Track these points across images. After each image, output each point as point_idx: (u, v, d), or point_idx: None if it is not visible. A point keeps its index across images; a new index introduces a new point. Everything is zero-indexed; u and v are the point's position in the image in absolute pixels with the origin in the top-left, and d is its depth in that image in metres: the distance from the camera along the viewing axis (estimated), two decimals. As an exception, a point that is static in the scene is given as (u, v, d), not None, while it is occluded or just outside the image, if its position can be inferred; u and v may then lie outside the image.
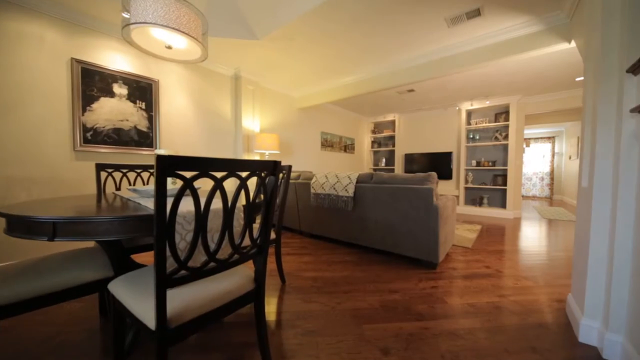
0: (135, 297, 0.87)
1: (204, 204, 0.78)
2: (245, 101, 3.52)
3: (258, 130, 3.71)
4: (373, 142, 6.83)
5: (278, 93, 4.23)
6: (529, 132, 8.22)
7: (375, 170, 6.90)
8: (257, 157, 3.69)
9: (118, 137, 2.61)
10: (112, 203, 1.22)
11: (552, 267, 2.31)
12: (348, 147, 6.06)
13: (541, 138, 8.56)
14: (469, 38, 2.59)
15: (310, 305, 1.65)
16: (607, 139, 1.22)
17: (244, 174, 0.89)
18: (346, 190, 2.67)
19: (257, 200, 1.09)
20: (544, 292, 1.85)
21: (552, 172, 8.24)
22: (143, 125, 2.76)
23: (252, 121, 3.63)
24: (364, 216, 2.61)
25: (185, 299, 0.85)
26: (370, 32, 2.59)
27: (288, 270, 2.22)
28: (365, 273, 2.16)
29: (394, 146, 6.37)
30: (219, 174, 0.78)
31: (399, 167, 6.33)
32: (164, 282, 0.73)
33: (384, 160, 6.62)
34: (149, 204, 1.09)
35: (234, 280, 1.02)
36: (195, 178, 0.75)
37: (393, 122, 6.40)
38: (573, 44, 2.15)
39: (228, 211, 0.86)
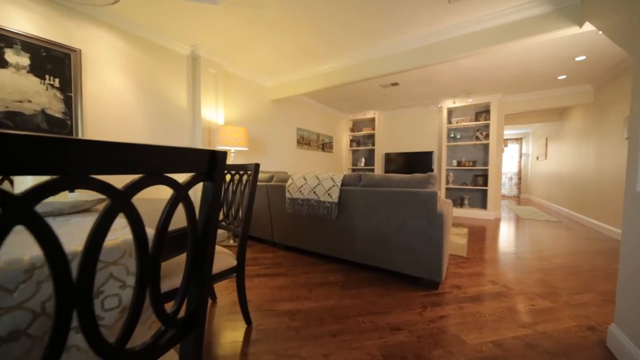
0: None
1: None
2: (205, 87, 2.90)
3: (222, 122, 3.10)
4: (352, 141, 6.48)
5: (247, 81, 3.64)
6: (499, 133, 8.48)
7: (354, 170, 6.55)
8: (221, 155, 3.08)
9: (14, 124, 1.87)
10: None
11: (559, 279, 2.07)
12: (326, 145, 5.62)
13: (509, 139, 8.90)
14: (470, 19, 2.27)
15: (286, 364, 1.15)
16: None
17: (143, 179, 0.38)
18: (329, 194, 2.21)
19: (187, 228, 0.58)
20: (569, 316, 1.54)
21: (519, 172, 8.59)
22: (56, 109, 2.04)
23: (215, 112, 3.02)
24: (350, 226, 2.17)
25: None
26: (357, 7, 2.16)
27: (256, 300, 1.69)
28: (356, 300, 1.72)
29: (373, 145, 6.07)
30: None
31: (378, 167, 6.04)
32: None
33: (363, 160, 6.29)
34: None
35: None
36: None
37: (373, 119, 6.09)
38: (586, 27, 1.91)
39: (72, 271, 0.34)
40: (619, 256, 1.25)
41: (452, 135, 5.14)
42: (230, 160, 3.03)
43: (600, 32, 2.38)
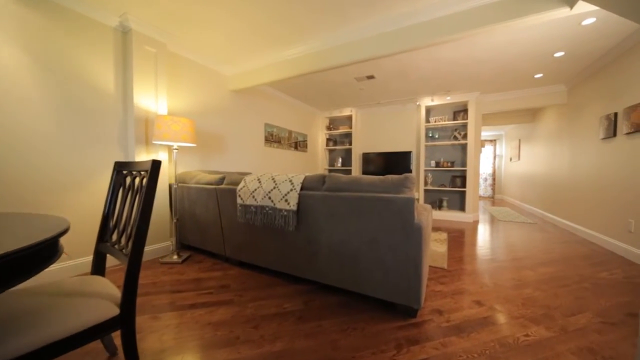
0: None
1: None
2: (141, 69, 2.37)
3: (166, 113, 2.58)
4: (328, 140, 6.11)
5: (200, 66, 3.13)
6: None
7: (331, 171, 6.19)
8: (160, 153, 2.55)
9: None
10: None
11: (548, 294, 1.81)
12: (299, 144, 5.20)
13: (484, 140, 9.03)
14: (449, -4, 1.98)
15: None
16: None
17: None
18: (286, 200, 1.79)
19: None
20: (571, 350, 1.25)
21: (494, 173, 8.73)
22: None
23: (155, 100, 2.49)
24: (312, 239, 1.77)
25: None
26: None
27: (177, 348, 1.23)
28: (312, 340, 1.31)
29: (350, 144, 5.75)
30: None
31: (356, 168, 5.73)
32: None
33: (340, 160, 5.95)
34: None
35: None
36: None
37: (350, 117, 5.78)
38: (578, 9, 1.67)
39: None
40: (644, 284, 0.95)
41: (430, 135, 4.94)
42: (173, 159, 2.51)
43: (587, 22, 2.17)
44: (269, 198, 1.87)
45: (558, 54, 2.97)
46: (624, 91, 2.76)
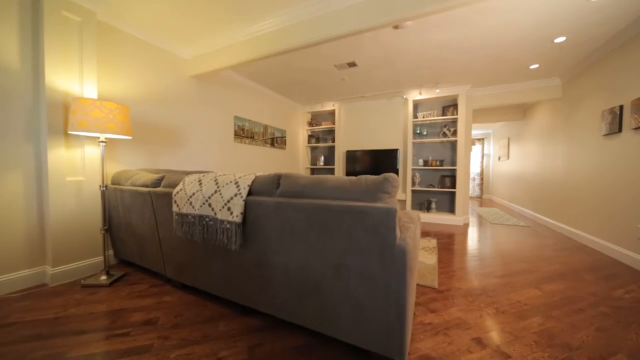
0: None
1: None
2: (56, 40, 1.85)
3: (95, 97, 2.07)
4: (310, 137, 5.68)
5: (149, 45, 2.63)
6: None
7: (313, 170, 5.76)
8: (87, 147, 2.03)
9: None
10: None
11: (564, 325, 1.45)
12: (277, 140, 4.74)
13: (472, 139, 8.85)
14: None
15: None
16: None
17: None
18: (229, 209, 1.34)
19: None
20: None
21: (482, 173, 8.55)
22: None
23: (79, 81, 1.98)
24: (264, 261, 1.33)
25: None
26: None
27: None
28: (244, 423, 0.88)
29: (334, 141, 5.34)
30: None
31: (339, 167, 5.33)
32: None
33: (322, 158, 5.53)
34: None
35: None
36: None
37: (333, 112, 5.37)
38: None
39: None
40: None
41: (418, 131, 4.60)
42: (98, 155, 2.00)
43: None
44: (209, 205, 1.42)
45: (559, 40, 2.65)
46: (631, 82, 2.47)
